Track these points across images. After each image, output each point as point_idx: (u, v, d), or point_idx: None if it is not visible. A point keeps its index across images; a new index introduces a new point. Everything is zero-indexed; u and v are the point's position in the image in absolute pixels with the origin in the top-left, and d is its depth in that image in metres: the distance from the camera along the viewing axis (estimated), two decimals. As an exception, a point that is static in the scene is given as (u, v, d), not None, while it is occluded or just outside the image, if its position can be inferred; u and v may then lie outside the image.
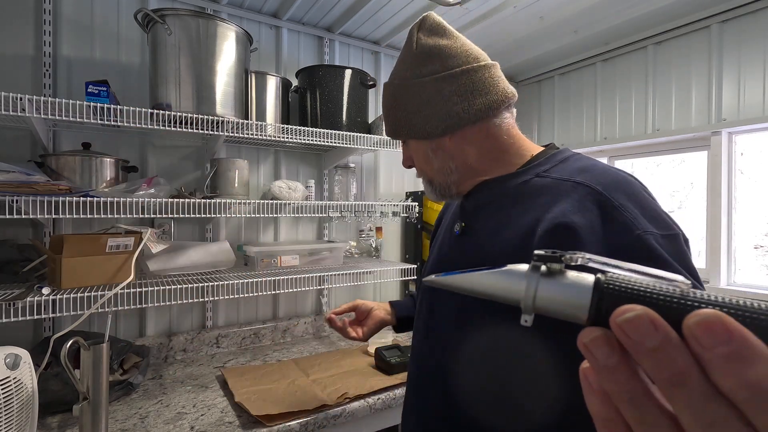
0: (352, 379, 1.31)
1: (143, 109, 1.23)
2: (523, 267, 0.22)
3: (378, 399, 1.22)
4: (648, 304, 0.18)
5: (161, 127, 1.31)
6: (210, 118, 1.33)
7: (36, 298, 1.06)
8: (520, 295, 0.21)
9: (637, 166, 2.22)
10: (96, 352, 0.93)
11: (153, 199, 1.23)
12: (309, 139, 1.56)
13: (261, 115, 1.56)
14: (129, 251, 1.24)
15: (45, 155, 1.26)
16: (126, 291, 1.20)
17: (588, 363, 0.19)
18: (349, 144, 1.63)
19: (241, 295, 1.46)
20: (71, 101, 1.14)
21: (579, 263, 0.21)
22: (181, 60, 1.31)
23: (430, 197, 0.79)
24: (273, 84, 1.60)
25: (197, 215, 1.31)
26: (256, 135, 1.45)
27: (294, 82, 1.76)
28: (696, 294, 0.18)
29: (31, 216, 1.07)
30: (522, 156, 0.70)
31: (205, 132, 1.34)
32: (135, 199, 1.21)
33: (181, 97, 1.32)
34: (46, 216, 1.09)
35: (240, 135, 1.41)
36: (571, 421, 0.51)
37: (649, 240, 0.50)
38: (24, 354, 0.90)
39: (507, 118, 0.71)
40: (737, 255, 1.82)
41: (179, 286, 1.27)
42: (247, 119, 1.50)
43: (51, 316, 1.13)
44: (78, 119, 1.18)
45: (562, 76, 2.43)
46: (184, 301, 1.28)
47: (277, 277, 1.46)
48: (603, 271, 0.20)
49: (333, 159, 1.85)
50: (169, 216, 1.26)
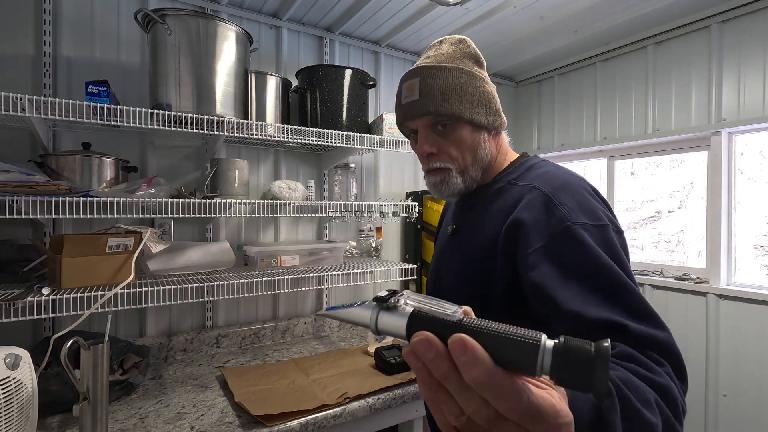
0: (352, 379, 1.31)
1: (143, 109, 1.23)
2: (371, 304, 0.33)
3: (378, 399, 1.22)
4: (436, 327, 0.29)
5: (161, 127, 1.31)
6: (210, 118, 1.33)
7: (36, 298, 1.06)
8: (368, 324, 0.32)
9: (637, 166, 2.22)
10: (96, 352, 0.93)
11: (153, 199, 1.23)
12: (309, 139, 1.56)
13: (261, 115, 1.56)
14: (129, 251, 1.24)
15: (45, 155, 1.26)
16: (126, 291, 1.19)
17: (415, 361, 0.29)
18: (349, 144, 1.63)
19: (241, 295, 1.46)
20: (71, 101, 1.14)
21: (401, 302, 0.32)
22: (181, 60, 1.31)
23: (446, 191, 0.79)
24: (273, 84, 1.60)
25: (197, 215, 1.31)
26: (256, 135, 1.45)
27: (294, 82, 1.76)
28: (463, 320, 0.29)
29: (31, 216, 1.07)
30: (501, 164, 0.82)
31: (205, 132, 1.34)
32: (135, 199, 1.21)
33: (181, 97, 1.32)
34: (46, 216, 1.09)
35: (240, 135, 1.41)
36: None
37: (578, 229, 0.61)
38: (24, 354, 0.90)
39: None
40: (737, 255, 1.82)
41: (179, 286, 1.27)
42: (247, 119, 1.50)
43: (51, 316, 1.13)
44: (78, 119, 1.18)
45: (562, 76, 2.43)
46: (184, 301, 1.28)
47: (277, 277, 1.46)
48: (417, 307, 0.32)
49: (333, 159, 1.85)
50: (169, 216, 1.26)
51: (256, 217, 1.77)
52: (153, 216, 1.26)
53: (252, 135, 1.44)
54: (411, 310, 0.31)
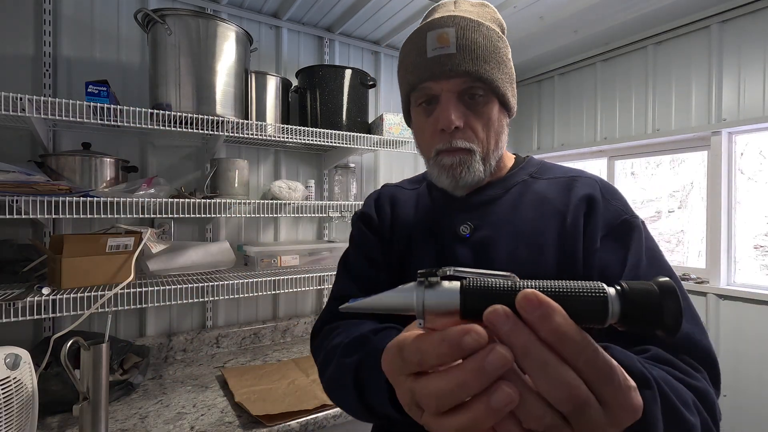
0: (352, 379, 1.31)
1: (143, 109, 1.23)
2: (410, 285, 0.28)
3: (378, 399, 1.22)
4: (494, 295, 0.26)
5: (161, 127, 1.31)
6: (210, 118, 1.33)
7: (36, 298, 1.06)
8: (412, 306, 0.27)
9: (637, 166, 2.22)
10: (96, 352, 0.93)
11: (153, 199, 1.23)
12: (309, 139, 1.56)
13: (261, 115, 1.56)
14: (129, 251, 1.24)
15: (45, 155, 1.26)
16: (126, 291, 1.20)
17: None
18: (349, 144, 1.63)
19: (241, 295, 1.46)
20: (71, 101, 1.14)
21: (449, 274, 0.28)
22: (181, 60, 1.31)
23: (465, 177, 0.63)
24: (273, 84, 1.59)
25: (197, 215, 1.31)
26: (256, 135, 1.45)
27: (294, 82, 1.76)
28: (522, 282, 0.27)
29: (31, 216, 1.07)
30: (505, 161, 0.71)
31: (205, 132, 1.34)
32: (135, 199, 1.21)
33: (181, 97, 1.32)
34: (46, 216, 1.09)
35: (240, 135, 1.41)
36: None
37: (635, 220, 0.60)
38: (24, 354, 0.90)
39: None
40: (737, 255, 1.82)
41: (179, 286, 1.27)
42: (247, 119, 1.50)
43: (51, 316, 1.13)
44: (78, 119, 1.18)
45: (562, 76, 2.43)
46: (184, 301, 1.28)
47: (277, 277, 1.46)
48: (465, 278, 0.28)
49: (333, 159, 1.85)
50: (169, 216, 1.26)
51: (256, 217, 1.77)
52: (153, 216, 1.26)
53: (252, 135, 1.44)
54: (456, 284, 0.27)
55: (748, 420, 1.68)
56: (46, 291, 1.10)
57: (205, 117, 1.32)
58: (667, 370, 0.46)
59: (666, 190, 2.12)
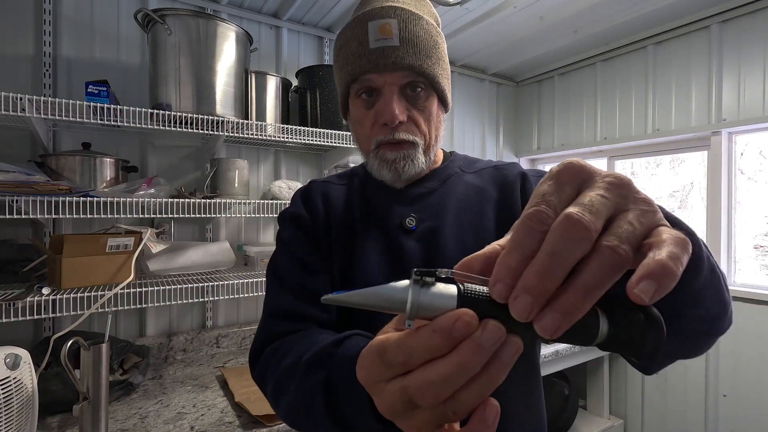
0: (352, 379, 1.31)
1: (143, 109, 1.23)
2: (404, 283, 0.27)
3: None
4: (489, 308, 0.25)
5: (161, 127, 1.31)
6: (210, 118, 1.33)
7: (36, 298, 1.06)
8: (404, 305, 0.26)
9: (637, 166, 2.22)
10: (96, 352, 0.93)
11: (153, 199, 1.23)
12: (309, 139, 1.56)
13: (261, 115, 1.56)
14: (129, 251, 1.24)
15: (45, 155, 1.26)
16: (126, 291, 1.20)
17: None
18: (349, 144, 1.63)
19: (241, 295, 1.46)
20: (71, 101, 1.14)
21: (444, 276, 0.26)
22: (181, 60, 1.31)
23: (408, 171, 0.63)
24: (273, 84, 1.59)
25: (197, 215, 1.31)
26: (256, 135, 1.45)
27: (294, 82, 1.76)
28: None
29: (31, 216, 1.07)
30: (437, 156, 0.73)
31: (205, 132, 1.34)
32: (135, 199, 1.21)
33: (181, 97, 1.32)
34: (46, 216, 1.09)
35: (240, 135, 1.41)
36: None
37: None
38: (24, 354, 0.90)
39: None
40: (737, 255, 1.82)
41: (179, 286, 1.27)
42: (247, 119, 1.50)
43: (51, 316, 1.13)
44: (78, 119, 1.18)
45: (562, 76, 2.43)
46: (184, 301, 1.28)
47: (277, 277, 1.46)
48: (460, 282, 0.27)
49: (333, 159, 1.85)
50: (169, 216, 1.26)
51: (256, 217, 1.77)
52: (153, 216, 1.26)
53: (252, 135, 1.44)
54: (452, 287, 0.26)
55: (748, 420, 1.68)
56: (46, 291, 1.10)
57: (205, 117, 1.32)
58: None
59: (666, 190, 2.12)
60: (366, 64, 0.60)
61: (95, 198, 1.15)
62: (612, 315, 0.25)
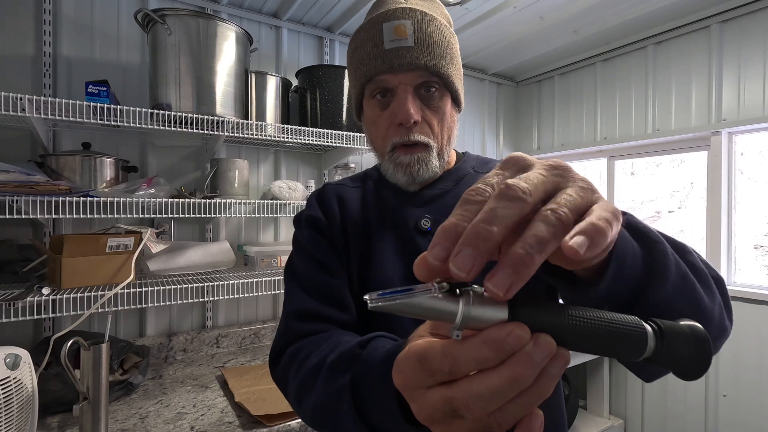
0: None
1: (143, 109, 1.23)
2: (439, 289, 0.26)
3: (378, 399, 1.22)
4: (544, 314, 0.25)
5: (161, 127, 1.31)
6: (210, 118, 1.33)
7: (36, 298, 1.07)
8: (453, 315, 0.25)
9: (637, 166, 2.22)
10: (96, 352, 0.93)
11: (153, 199, 1.23)
12: (309, 139, 1.56)
13: (261, 115, 1.56)
14: (129, 251, 1.24)
15: (45, 155, 1.26)
16: (126, 291, 1.20)
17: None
18: (349, 144, 1.63)
19: (241, 295, 1.46)
20: (71, 101, 1.14)
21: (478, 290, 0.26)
22: (181, 60, 1.31)
23: (422, 174, 0.63)
24: (273, 84, 1.59)
25: (197, 215, 1.31)
26: (256, 135, 1.45)
27: (294, 82, 1.76)
28: (569, 309, 0.25)
29: (31, 216, 1.07)
30: (451, 156, 0.73)
31: (205, 132, 1.34)
32: (135, 199, 1.21)
33: (181, 97, 1.32)
34: (46, 216, 1.09)
35: (240, 135, 1.41)
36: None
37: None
38: (24, 354, 0.90)
39: None
40: (737, 255, 1.82)
41: (179, 286, 1.27)
42: (247, 119, 1.50)
43: (51, 316, 1.13)
44: (78, 119, 1.18)
45: (562, 76, 2.43)
46: (184, 301, 1.28)
47: (277, 277, 1.46)
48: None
49: (333, 159, 1.85)
50: (169, 216, 1.26)
51: (256, 217, 1.77)
52: (153, 216, 1.26)
53: (252, 135, 1.44)
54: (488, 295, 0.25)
55: (748, 420, 1.68)
56: (46, 291, 1.10)
57: (205, 117, 1.32)
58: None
59: (666, 190, 2.12)
60: (381, 64, 0.60)
61: (95, 198, 1.15)
62: (659, 331, 0.26)
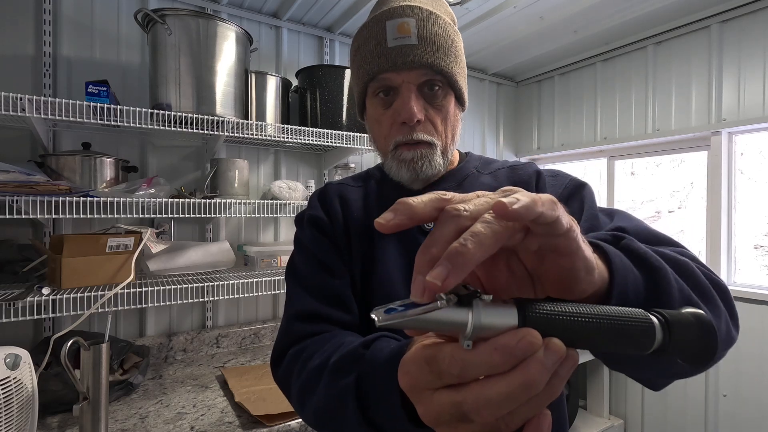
0: (352, 379, 1.31)
1: (143, 109, 1.23)
2: (449, 300, 0.26)
3: (378, 399, 1.22)
4: (554, 319, 0.26)
5: (161, 127, 1.31)
6: (210, 118, 1.33)
7: (36, 298, 1.06)
8: (463, 327, 0.25)
9: (637, 166, 2.22)
10: (96, 352, 0.93)
11: (153, 199, 1.23)
12: (309, 139, 1.56)
13: (261, 115, 1.56)
14: (129, 251, 1.24)
15: (45, 155, 1.26)
16: (126, 291, 1.20)
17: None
18: (349, 144, 1.63)
19: (241, 295, 1.46)
20: (71, 101, 1.14)
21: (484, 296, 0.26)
22: (181, 60, 1.31)
23: (426, 171, 0.63)
24: (273, 84, 1.59)
25: (197, 215, 1.31)
26: (256, 135, 1.45)
27: (294, 82, 1.76)
28: (577, 308, 0.26)
29: (31, 216, 1.07)
30: (455, 156, 0.73)
31: (205, 132, 1.34)
32: (135, 199, 1.21)
33: (181, 97, 1.32)
34: (46, 216, 1.09)
35: (240, 135, 1.41)
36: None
37: (582, 181, 0.65)
38: (24, 354, 0.90)
39: None
40: (737, 255, 1.82)
41: (179, 286, 1.27)
42: (247, 119, 1.50)
43: (51, 316, 1.13)
44: (78, 119, 1.18)
45: (562, 76, 2.43)
46: (184, 301, 1.28)
47: (277, 277, 1.46)
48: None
49: (333, 159, 1.85)
50: (169, 216, 1.26)
51: (256, 217, 1.77)
52: (153, 216, 1.26)
53: (252, 135, 1.44)
54: (511, 306, 0.26)
55: (748, 420, 1.68)
56: (46, 291, 1.10)
57: (205, 117, 1.32)
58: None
59: (666, 190, 2.12)
60: (384, 62, 0.60)
61: (95, 198, 1.15)
62: (665, 323, 0.26)
